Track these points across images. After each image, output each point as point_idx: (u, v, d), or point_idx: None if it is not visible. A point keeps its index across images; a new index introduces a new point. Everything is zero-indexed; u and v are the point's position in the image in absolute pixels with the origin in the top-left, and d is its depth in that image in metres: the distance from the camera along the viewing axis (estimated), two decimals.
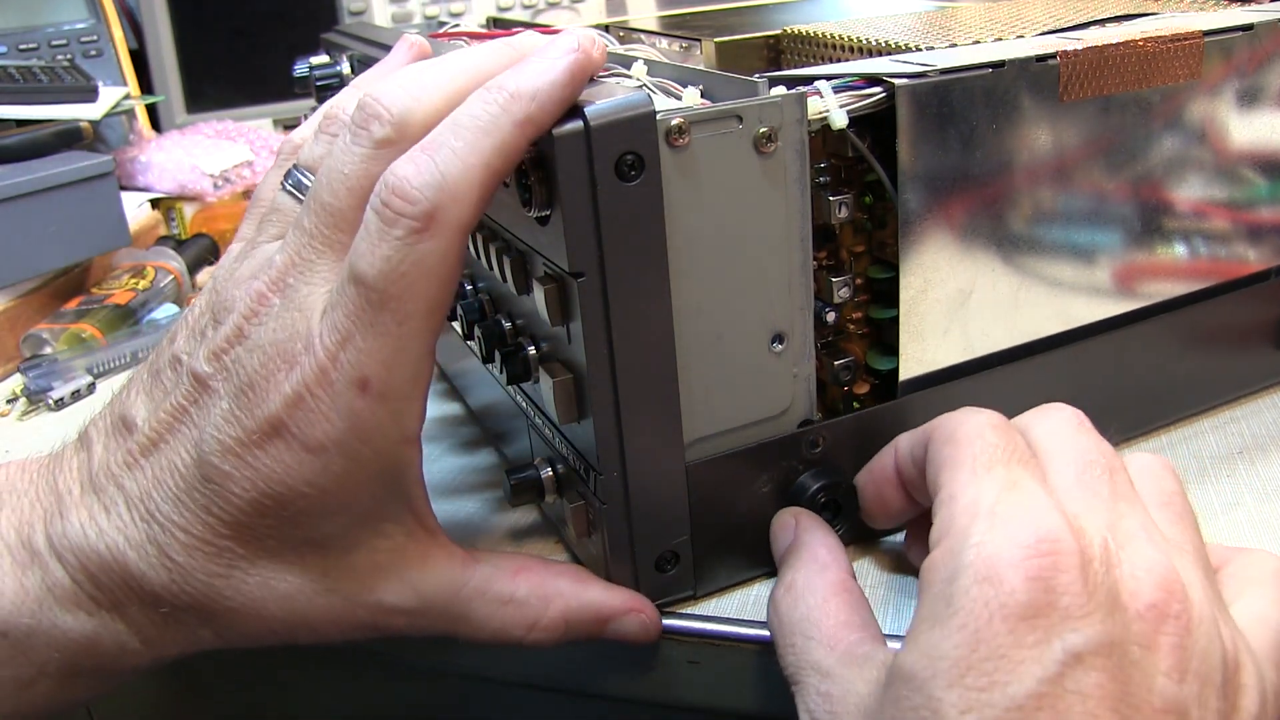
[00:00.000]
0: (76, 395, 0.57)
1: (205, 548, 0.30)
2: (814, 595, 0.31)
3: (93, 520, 0.30)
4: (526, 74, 0.28)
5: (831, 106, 0.31)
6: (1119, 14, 0.42)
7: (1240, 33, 0.38)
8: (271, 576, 0.30)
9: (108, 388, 0.59)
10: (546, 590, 0.33)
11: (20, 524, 0.31)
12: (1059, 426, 0.30)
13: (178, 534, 0.30)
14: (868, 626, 0.30)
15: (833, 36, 0.44)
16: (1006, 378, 0.38)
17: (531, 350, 0.35)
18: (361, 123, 0.29)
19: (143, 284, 0.67)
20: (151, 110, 1.01)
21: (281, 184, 0.33)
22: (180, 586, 0.30)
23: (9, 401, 0.58)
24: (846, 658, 0.28)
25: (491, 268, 0.36)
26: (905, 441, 0.33)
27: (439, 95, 0.29)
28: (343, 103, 0.33)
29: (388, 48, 0.40)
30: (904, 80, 0.32)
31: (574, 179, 0.28)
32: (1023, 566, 0.24)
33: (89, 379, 0.58)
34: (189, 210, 0.83)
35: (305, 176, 0.32)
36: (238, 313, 0.30)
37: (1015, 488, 0.26)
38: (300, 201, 0.32)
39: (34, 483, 0.32)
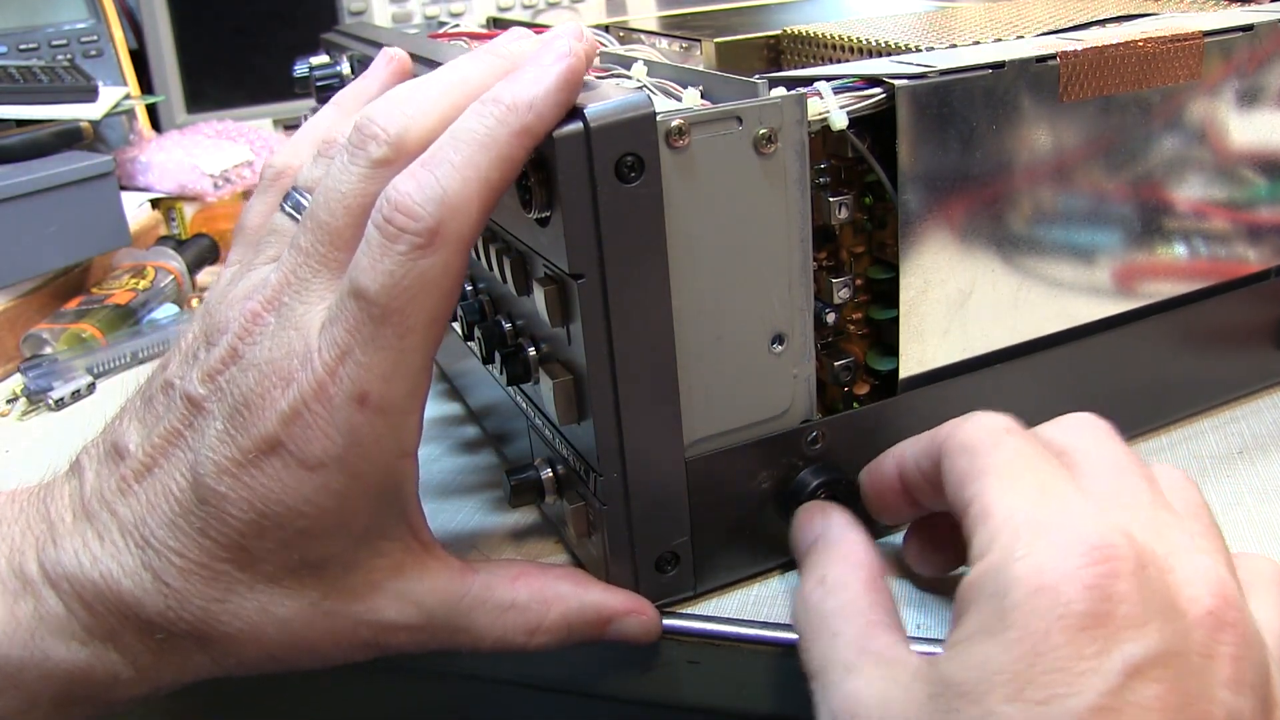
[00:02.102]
0: (76, 395, 0.57)
1: (202, 571, 0.29)
2: (847, 591, 0.30)
3: (86, 548, 0.30)
4: (521, 84, 0.28)
5: (831, 107, 0.31)
6: (1119, 14, 0.42)
7: (1240, 33, 0.38)
8: (269, 601, 0.30)
9: (108, 388, 0.59)
10: (546, 594, 0.33)
11: (11, 553, 0.31)
12: (1086, 432, 0.29)
13: (173, 559, 0.29)
14: (897, 629, 0.29)
15: (833, 37, 0.44)
16: (1007, 377, 0.38)
17: (531, 351, 0.35)
18: (358, 143, 0.29)
19: (143, 284, 0.67)
20: (151, 110, 1.01)
21: (280, 205, 0.33)
22: (176, 612, 0.29)
23: (9, 401, 0.58)
24: (876, 658, 0.27)
25: (492, 269, 0.36)
26: (910, 450, 0.32)
27: (435, 112, 0.29)
28: (337, 126, 0.32)
29: None
30: (904, 81, 0.32)
31: (574, 180, 0.28)
32: (1078, 575, 0.23)
33: (89, 379, 0.58)
34: (189, 210, 0.83)
35: (304, 197, 0.32)
36: (231, 333, 0.30)
37: (1051, 495, 0.26)
38: (298, 222, 0.32)
39: (24, 511, 0.32)
